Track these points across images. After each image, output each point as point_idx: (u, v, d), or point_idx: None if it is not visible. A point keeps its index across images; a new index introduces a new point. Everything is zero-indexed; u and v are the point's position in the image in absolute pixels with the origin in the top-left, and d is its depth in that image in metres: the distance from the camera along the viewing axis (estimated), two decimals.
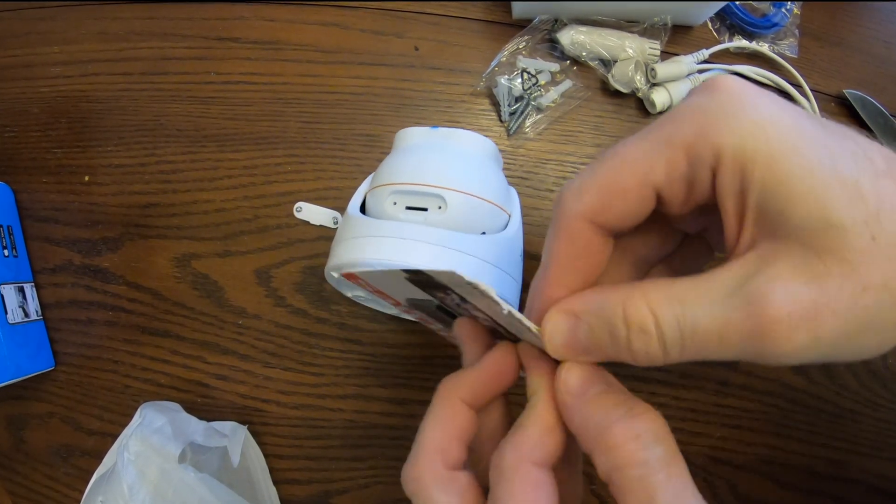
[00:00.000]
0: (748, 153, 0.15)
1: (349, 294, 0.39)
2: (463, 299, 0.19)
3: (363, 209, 0.35)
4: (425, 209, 0.31)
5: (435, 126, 0.35)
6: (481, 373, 0.21)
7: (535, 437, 0.18)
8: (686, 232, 0.21)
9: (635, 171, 0.17)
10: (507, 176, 0.38)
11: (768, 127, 0.15)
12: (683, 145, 0.16)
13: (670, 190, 0.17)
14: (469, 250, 0.30)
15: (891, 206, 0.14)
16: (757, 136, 0.15)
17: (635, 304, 0.16)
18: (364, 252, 0.30)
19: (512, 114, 0.44)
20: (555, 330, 0.18)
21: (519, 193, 0.43)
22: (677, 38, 0.46)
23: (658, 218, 0.19)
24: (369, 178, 0.35)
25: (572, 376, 0.18)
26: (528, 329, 0.19)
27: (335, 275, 0.33)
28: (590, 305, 0.17)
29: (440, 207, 0.31)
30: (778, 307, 0.14)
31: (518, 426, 0.19)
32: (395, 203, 0.32)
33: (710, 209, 0.17)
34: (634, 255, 0.21)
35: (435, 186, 0.31)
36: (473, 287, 0.17)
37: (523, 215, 0.43)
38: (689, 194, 0.17)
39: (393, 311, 0.40)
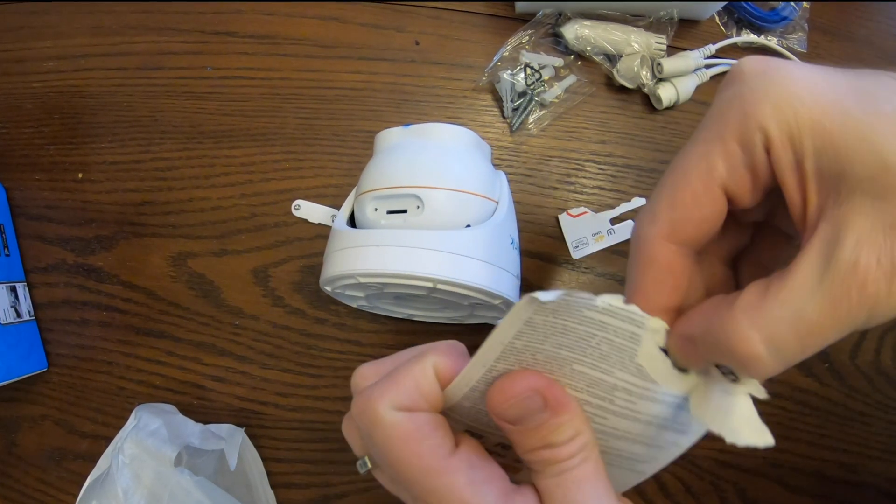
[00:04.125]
0: (792, 123, 0.15)
1: (354, 305, 0.39)
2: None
3: (353, 219, 0.35)
4: (405, 211, 0.31)
5: (407, 124, 0.34)
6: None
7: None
8: (756, 222, 0.22)
9: (699, 175, 0.17)
10: (509, 173, 0.37)
11: (803, 93, 0.16)
12: (734, 136, 0.17)
13: (735, 183, 0.17)
14: (449, 247, 0.29)
15: None
16: (795, 104, 0.15)
17: (741, 335, 0.16)
18: (345, 265, 0.30)
19: (515, 109, 0.43)
20: (677, 353, 0.19)
21: (522, 191, 0.42)
22: (684, 32, 0.45)
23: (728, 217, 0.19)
24: (355, 188, 0.35)
25: None
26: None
27: (328, 288, 0.33)
28: (698, 330, 0.18)
29: (418, 207, 0.31)
30: (868, 268, 0.14)
31: None
32: (376, 209, 0.32)
33: (774, 192, 0.18)
34: (718, 256, 0.22)
35: (408, 187, 0.31)
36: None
37: (525, 213, 0.42)
38: (754, 181, 0.17)
39: (396, 312, 0.40)
